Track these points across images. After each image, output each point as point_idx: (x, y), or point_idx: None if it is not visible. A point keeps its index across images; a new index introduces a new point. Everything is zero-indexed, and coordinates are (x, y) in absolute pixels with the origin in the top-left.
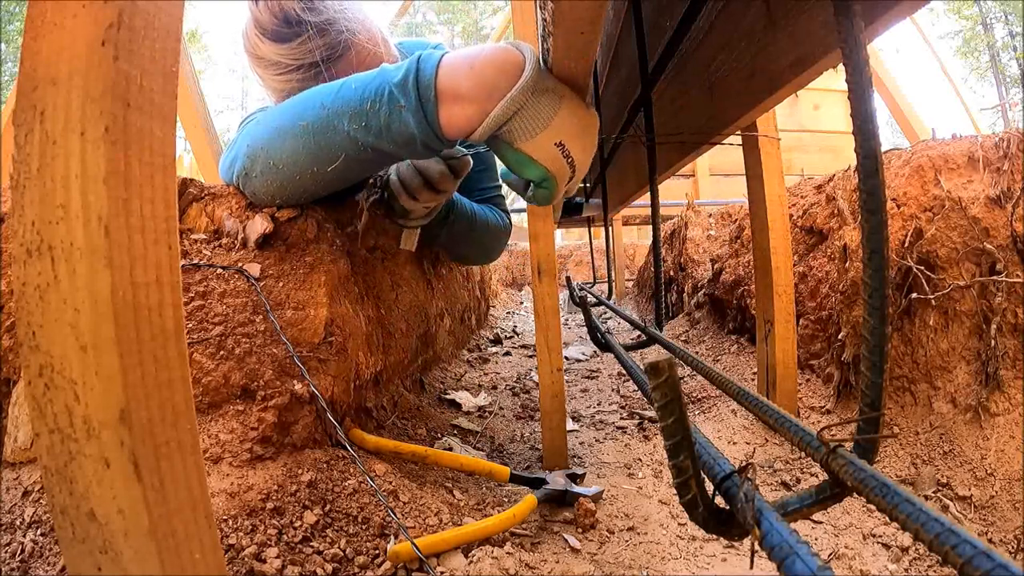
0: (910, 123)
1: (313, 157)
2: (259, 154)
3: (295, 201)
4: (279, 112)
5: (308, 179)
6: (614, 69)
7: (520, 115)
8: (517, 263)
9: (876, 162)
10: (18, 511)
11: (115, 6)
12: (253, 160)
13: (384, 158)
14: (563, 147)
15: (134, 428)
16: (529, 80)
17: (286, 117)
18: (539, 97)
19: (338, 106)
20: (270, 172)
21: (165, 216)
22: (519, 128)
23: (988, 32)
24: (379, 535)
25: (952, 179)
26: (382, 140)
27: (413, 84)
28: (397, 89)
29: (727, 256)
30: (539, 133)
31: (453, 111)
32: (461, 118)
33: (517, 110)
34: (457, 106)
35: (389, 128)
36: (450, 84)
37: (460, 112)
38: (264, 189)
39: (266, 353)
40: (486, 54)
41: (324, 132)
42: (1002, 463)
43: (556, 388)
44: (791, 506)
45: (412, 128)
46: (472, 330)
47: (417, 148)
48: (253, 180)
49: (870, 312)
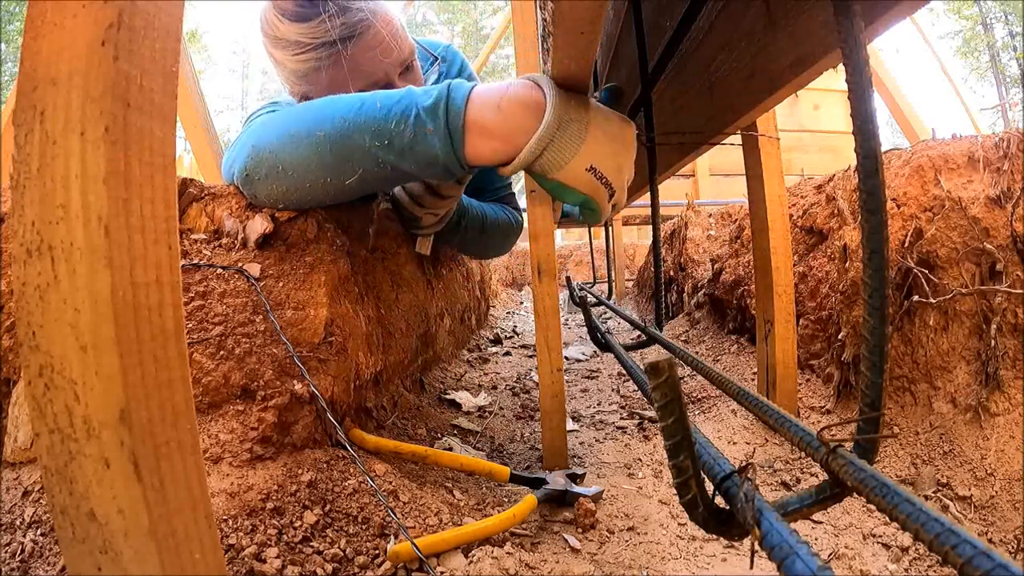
0: (910, 123)
1: (328, 168)
2: (265, 157)
3: (298, 206)
4: (291, 117)
5: (319, 188)
6: (614, 69)
7: (548, 150)
8: (517, 263)
9: (876, 162)
10: (18, 511)
11: (115, 6)
12: (258, 162)
13: (401, 177)
14: (595, 170)
15: (134, 428)
16: (552, 120)
17: (301, 124)
18: (565, 129)
19: (360, 121)
20: (277, 176)
21: (165, 216)
22: (549, 162)
23: (988, 32)
24: (379, 535)
25: (952, 179)
26: (403, 159)
27: (443, 111)
28: (426, 113)
29: (727, 256)
30: (568, 163)
31: (480, 144)
32: (487, 151)
33: (545, 147)
34: (484, 140)
35: (413, 149)
36: (478, 119)
37: (487, 146)
38: (267, 192)
39: (266, 353)
40: (511, 94)
41: (343, 145)
42: (1002, 463)
43: (556, 388)
44: (791, 506)
45: (437, 152)
46: (472, 330)
47: (438, 171)
48: (256, 182)
49: (870, 312)
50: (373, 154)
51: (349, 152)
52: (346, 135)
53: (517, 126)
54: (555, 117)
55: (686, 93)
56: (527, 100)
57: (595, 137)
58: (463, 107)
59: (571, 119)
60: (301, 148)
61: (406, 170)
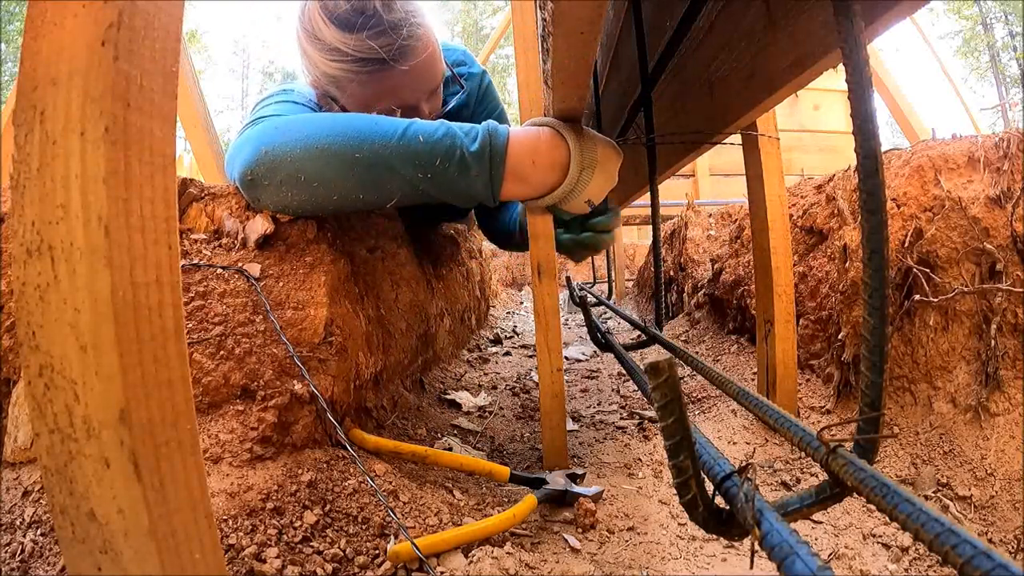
0: (910, 123)
1: (364, 188)
2: (283, 164)
3: (308, 214)
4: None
5: (347, 202)
6: (614, 69)
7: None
8: (517, 263)
9: (876, 162)
10: (18, 511)
11: (115, 6)
12: (271, 167)
13: (431, 200)
14: (589, 202)
15: (134, 428)
16: (573, 176)
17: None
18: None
19: (402, 151)
20: (297, 185)
21: (165, 216)
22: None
23: (988, 32)
24: (379, 535)
25: (952, 179)
26: (441, 191)
27: (487, 160)
28: (472, 158)
29: (727, 256)
30: (574, 200)
31: (512, 187)
32: (519, 194)
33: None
34: (518, 186)
35: (453, 185)
36: (515, 167)
37: (519, 190)
38: (277, 199)
39: (266, 353)
40: (542, 149)
41: (382, 169)
42: (1002, 463)
43: (556, 388)
44: (791, 506)
45: (477, 191)
46: (472, 330)
47: (471, 202)
48: (264, 187)
49: (870, 312)
50: (412, 183)
51: (388, 177)
52: (386, 161)
53: (545, 176)
54: (576, 174)
55: (686, 93)
56: (555, 154)
57: (596, 180)
58: (504, 155)
59: (585, 165)
60: (336, 164)
61: (440, 198)
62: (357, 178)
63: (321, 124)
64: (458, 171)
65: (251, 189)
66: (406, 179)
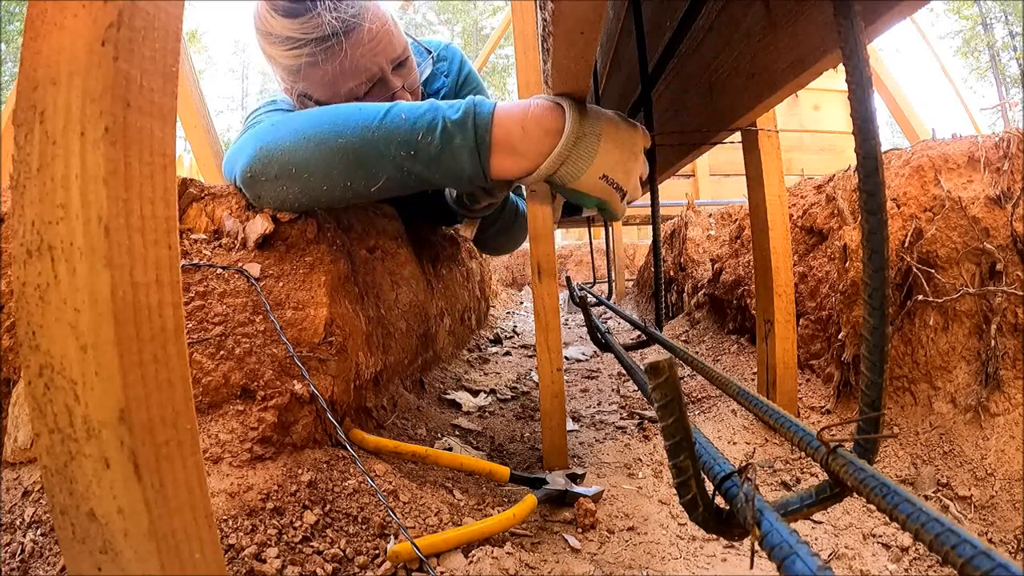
0: (910, 123)
1: (350, 173)
2: (276, 157)
3: (305, 208)
4: (306, 120)
5: (337, 191)
6: (614, 69)
7: (565, 165)
8: (517, 263)
9: (876, 162)
10: (18, 511)
11: (115, 6)
12: (267, 163)
13: (423, 184)
14: (607, 178)
15: (134, 428)
16: (570, 137)
17: (319, 128)
18: (579, 144)
19: (385, 130)
20: (289, 177)
21: (165, 216)
22: (566, 174)
23: (988, 32)
24: (379, 535)
25: (952, 179)
26: (429, 170)
27: (472, 127)
28: (454, 126)
29: (727, 256)
30: (583, 174)
31: (504, 160)
32: (511, 167)
33: (562, 163)
34: (508, 157)
35: (439, 161)
36: (504, 137)
37: (511, 162)
38: (274, 194)
39: (266, 353)
40: (533, 115)
41: (366, 153)
42: (1002, 463)
43: (556, 388)
44: (791, 506)
45: (463, 164)
46: (472, 330)
47: (462, 182)
48: (262, 183)
49: (870, 312)
50: (398, 163)
51: (373, 159)
52: (370, 143)
53: (538, 145)
54: (572, 136)
55: (686, 93)
56: (548, 119)
57: (606, 149)
58: (489, 124)
59: (586, 133)
60: (321, 152)
61: (430, 179)
62: (343, 164)
63: (310, 116)
64: (441, 143)
65: (252, 186)
66: (391, 160)
